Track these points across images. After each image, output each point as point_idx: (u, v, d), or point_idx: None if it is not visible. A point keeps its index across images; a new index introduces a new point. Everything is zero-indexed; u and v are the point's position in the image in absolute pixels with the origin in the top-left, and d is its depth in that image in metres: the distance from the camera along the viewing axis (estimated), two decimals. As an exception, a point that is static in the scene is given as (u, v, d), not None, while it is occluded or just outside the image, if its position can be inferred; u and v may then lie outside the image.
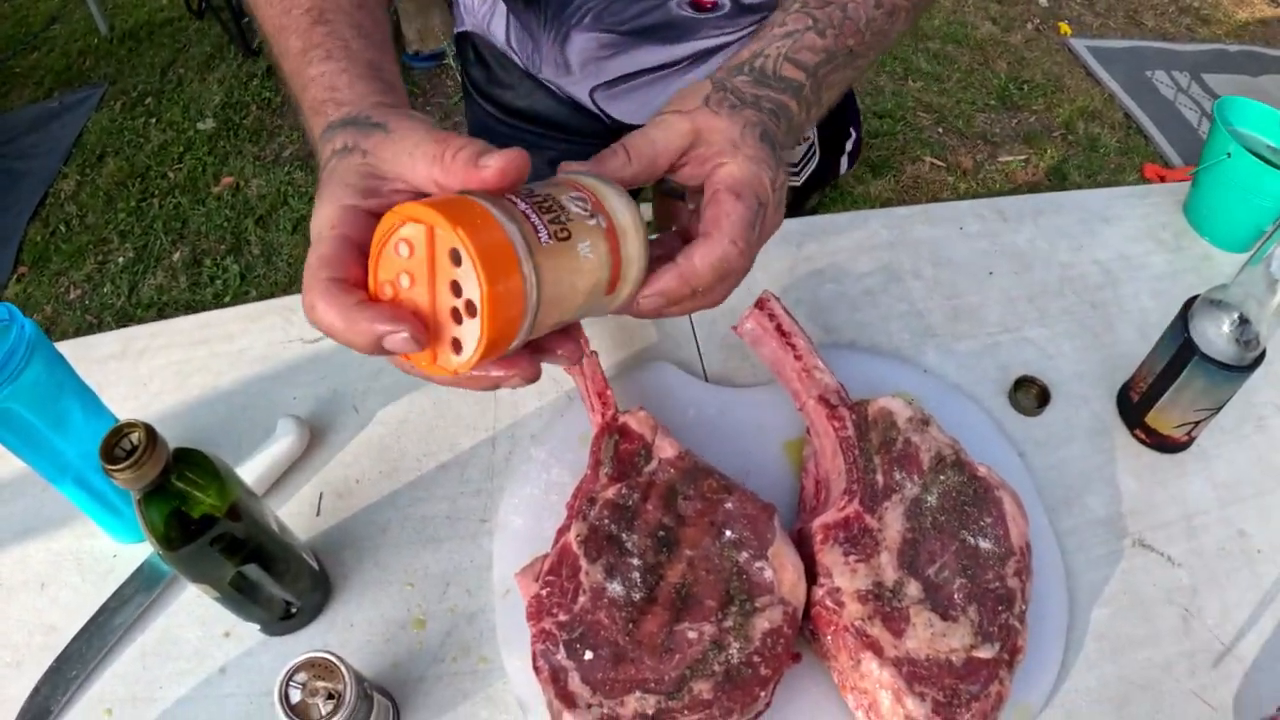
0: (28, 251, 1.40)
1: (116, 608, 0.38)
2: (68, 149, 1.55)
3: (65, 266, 1.37)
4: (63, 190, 1.49)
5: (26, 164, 1.53)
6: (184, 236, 1.40)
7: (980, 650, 0.32)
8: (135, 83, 1.68)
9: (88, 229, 1.42)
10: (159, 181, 1.49)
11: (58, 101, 1.65)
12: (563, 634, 0.32)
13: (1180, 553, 0.43)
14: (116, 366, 0.47)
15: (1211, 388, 0.43)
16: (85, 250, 1.39)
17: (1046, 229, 0.58)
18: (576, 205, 0.24)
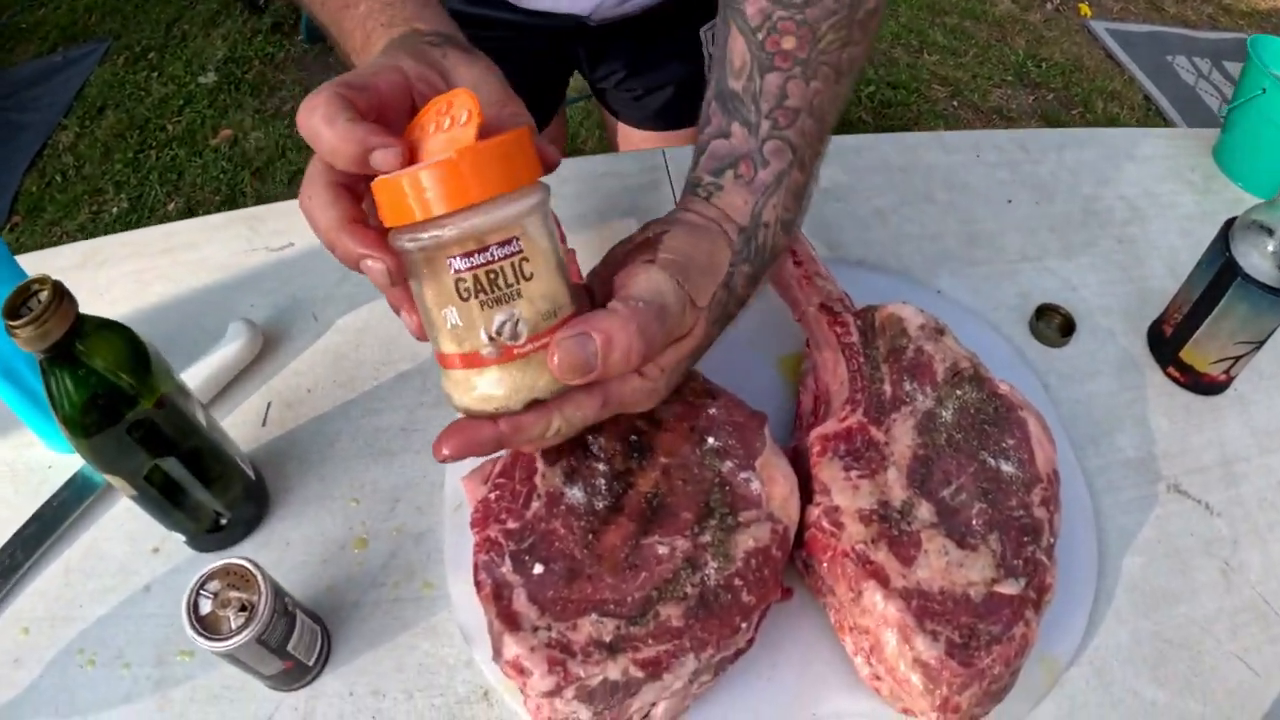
0: (23, 201, 1.37)
1: (43, 520, 0.35)
2: (69, 102, 1.53)
3: (59, 216, 1.34)
4: (61, 142, 1.46)
5: (27, 116, 1.51)
6: (179, 189, 1.38)
7: (1003, 585, 0.27)
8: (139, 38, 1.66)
9: (84, 180, 1.40)
10: (157, 134, 1.46)
11: (61, 56, 1.63)
12: (510, 543, 0.27)
13: (1219, 501, 0.38)
14: (77, 275, 0.44)
15: (1254, 316, 0.38)
16: (80, 200, 1.37)
17: (1069, 162, 0.53)
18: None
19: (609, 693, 0.25)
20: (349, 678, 0.31)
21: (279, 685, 0.30)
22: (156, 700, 0.30)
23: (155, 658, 0.31)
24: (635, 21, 0.49)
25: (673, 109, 0.58)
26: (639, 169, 0.49)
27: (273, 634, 0.27)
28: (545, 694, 0.25)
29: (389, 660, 0.31)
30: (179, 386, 0.30)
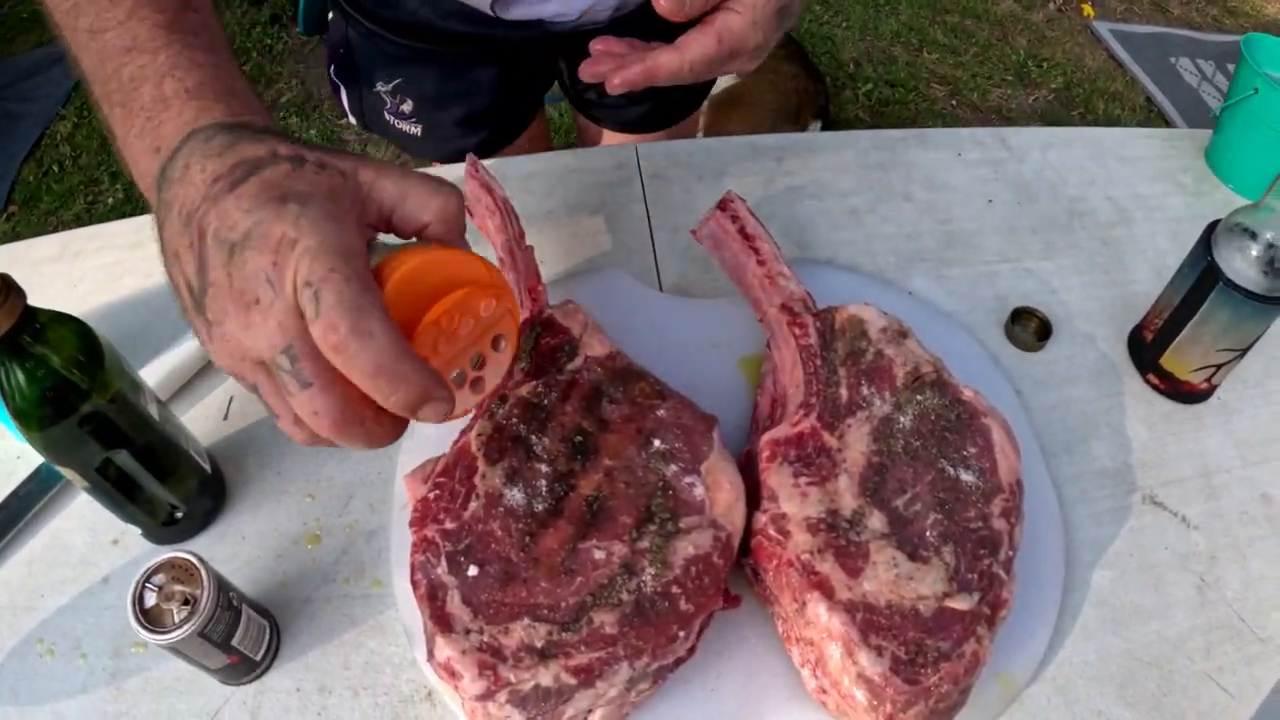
0: (19, 191, 1.38)
1: (8, 510, 0.35)
2: (67, 92, 1.53)
3: (55, 206, 1.36)
4: (59, 132, 1.47)
5: (25, 106, 1.52)
6: None
7: (955, 600, 0.26)
8: None
9: (80, 170, 1.41)
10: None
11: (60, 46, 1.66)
12: (447, 544, 0.26)
13: (1197, 514, 0.37)
14: (51, 269, 0.44)
15: (1236, 323, 0.37)
16: (76, 191, 1.39)
17: (1055, 161, 0.52)
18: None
19: (541, 698, 0.24)
20: (297, 674, 0.30)
21: (227, 679, 0.30)
22: (111, 691, 0.30)
23: (111, 649, 0.31)
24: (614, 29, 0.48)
25: (653, 115, 0.57)
26: (609, 165, 0.49)
27: (215, 628, 0.27)
28: (477, 697, 0.25)
29: (336, 657, 0.31)
30: (133, 381, 0.30)
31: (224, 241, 0.21)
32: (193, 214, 0.21)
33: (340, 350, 0.19)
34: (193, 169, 0.22)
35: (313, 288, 0.19)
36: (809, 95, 1.15)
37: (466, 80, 0.50)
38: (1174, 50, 1.58)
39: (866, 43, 1.56)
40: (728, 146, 0.50)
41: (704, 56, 0.30)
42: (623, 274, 0.41)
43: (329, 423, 0.20)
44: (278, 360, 0.20)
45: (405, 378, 0.19)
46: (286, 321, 0.20)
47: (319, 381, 0.20)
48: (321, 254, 0.19)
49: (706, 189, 0.47)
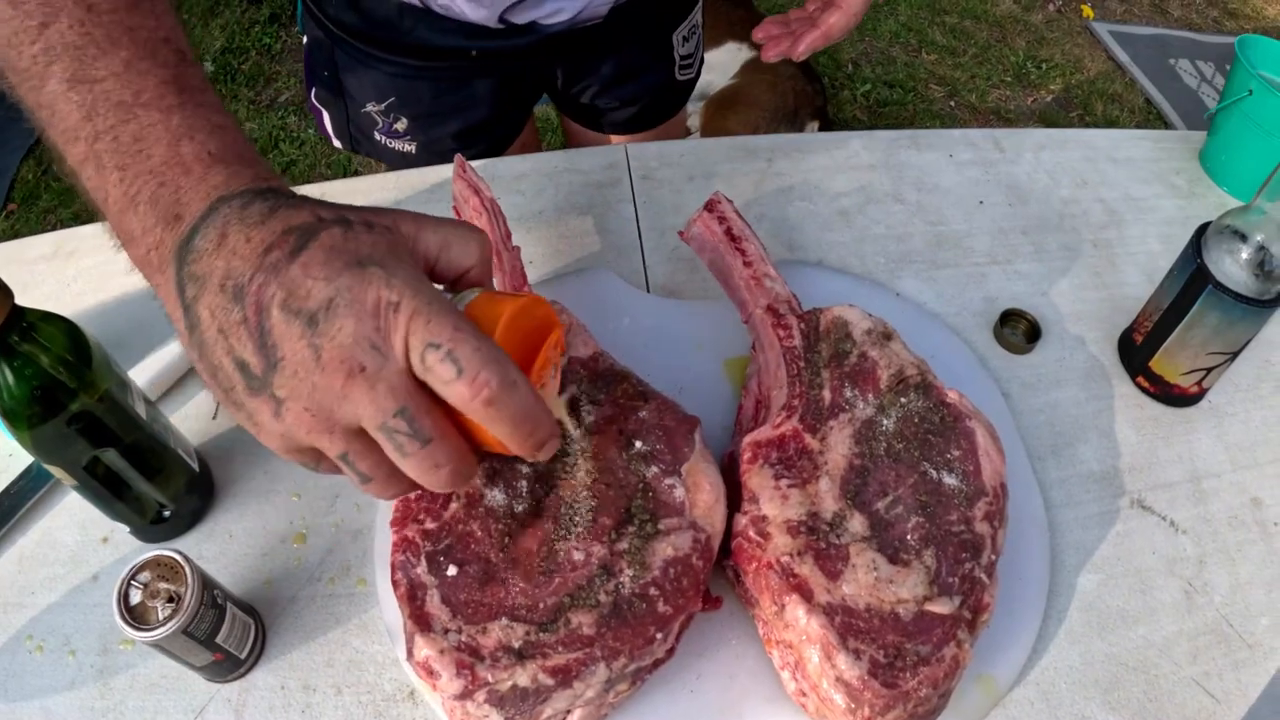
0: (18, 189, 1.39)
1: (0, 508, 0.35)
2: None
3: (54, 204, 1.36)
4: None
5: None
6: None
7: (935, 604, 0.26)
8: None
9: None
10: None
11: None
12: (426, 544, 0.26)
13: (1185, 518, 0.37)
14: (46, 267, 0.45)
15: (1226, 326, 0.37)
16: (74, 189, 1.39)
17: (1047, 163, 0.52)
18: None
19: (519, 698, 0.24)
20: (281, 671, 0.30)
21: (212, 677, 0.30)
22: (98, 687, 0.30)
23: (100, 646, 0.31)
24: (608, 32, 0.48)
25: (641, 116, 0.57)
26: (600, 165, 0.49)
27: (200, 625, 0.27)
28: (455, 697, 0.25)
29: (321, 655, 0.31)
30: (121, 380, 0.30)
31: (299, 312, 0.20)
32: (243, 286, 0.20)
33: (493, 403, 0.19)
34: (231, 237, 0.21)
35: (443, 349, 0.19)
36: (807, 96, 1.15)
37: (463, 94, 0.49)
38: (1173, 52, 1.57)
39: (865, 43, 1.56)
40: (718, 147, 0.50)
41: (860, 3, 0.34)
42: (610, 274, 0.41)
43: (449, 472, 0.20)
44: (391, 424, 0.20)
45: (542, 421, 0.21)
46: (399, 384, 0.20)
47: (438, 433, 0.20)
48: (437, 315, 0.20)
49: (696, 190, 0.47)
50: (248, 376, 0.20)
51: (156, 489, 0.32)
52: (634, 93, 0.55)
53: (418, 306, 0.19)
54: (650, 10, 0.50)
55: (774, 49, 0.34)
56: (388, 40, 0.47)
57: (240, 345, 0.20)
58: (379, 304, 0.20)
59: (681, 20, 0.53)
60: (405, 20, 0.45)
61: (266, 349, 0.20)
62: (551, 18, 0.45)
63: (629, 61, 0.53)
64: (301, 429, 0.20)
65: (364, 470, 0.21)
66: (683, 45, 0.55)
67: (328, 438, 0.20)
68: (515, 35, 0.46)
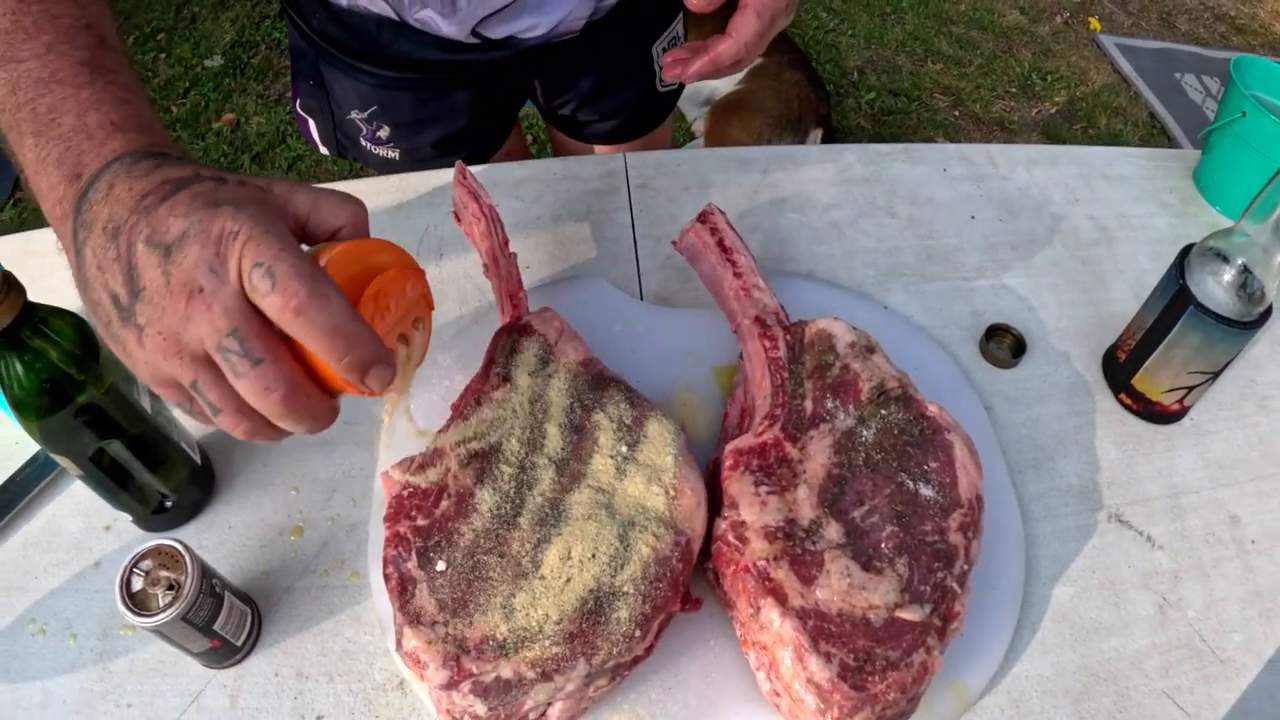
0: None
1: (5, 494, 0.36)
2: None
3: None
4: None
5: None
6: None
7: (906, 611, 0.27)
8: (150, 18, 1.69)
9: None
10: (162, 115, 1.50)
11: None
12: (418, 540, 0.28)
13: (1162, 534, 0.37)
14: (54, 259, 0.46)
15: (1207, 346, 0.37)
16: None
17: (1040, 179, 0.52)
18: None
19: (502, 690, 0.25)
20: (276, 659, 0.31)
21: (209, 663, 0.31)
22: (99, 670, 0.31)
23: (100, 631, 0.32)
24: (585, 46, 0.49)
25: (623, 127, 0.58)
26: (598, 173, 0.49)
27: (198, 613, 0.28)
28: (441, 686, 0.26)
29: (314, 644, 0.32)
30: (126, 374, 0.31)
31: (158, 245, 0.22)
32: (120, 227, 0.22)
33: (301, 312, 0.20)
34: (117, 188, 0.23)
35: (264, 265, 0.20)
36: (811, 103, 1.15)
37: (442, 104, 0.50)
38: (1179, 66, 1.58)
39: (871, 51, 1.57)
40: (715, 158, 0.51)
41: (753, 33, 0.33)
42: (604, 282, 0.42)
43: (279, 396, 0.21)
44: (224, 344, 0.21)
45: (360, 337, 0.21)
46: (232, 305, 0.21)
47: (269, 356, 0.21)
48: (267, 238, 0.21)
49: (692, 199, 0.48)
50: (119, 308, 0.22)
51: (159, 480, 0.33)
52: (615, 106, 0.56)
53: (253, 233, 0.21)
54: (628, 24, 0.51)
55: (670, 71, 0.35)
56: (367, 52, 0.48)
57: (113, 279, 0.22)
58: (222, 233, 0.21)
59: (661, 32, 0.54)
60: (384, 34, 0.46)
61: (132, 280, 0.22)
62: (527, 32, 0.46)
63: (609, 74, 0.54)
64: (158, 354, 0.22)
65: (213, 400, 0.22)
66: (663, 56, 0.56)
67: (179, 363, 0.21)
68: (491, 49, 0.47)
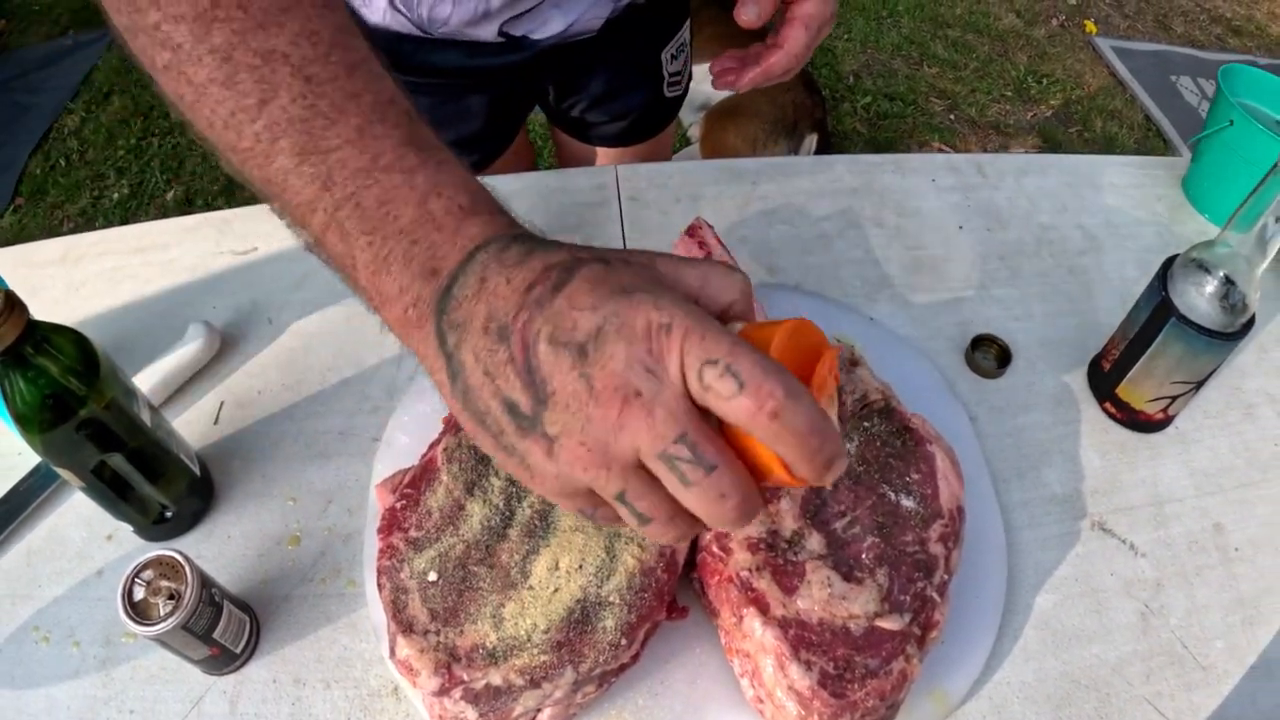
0: (26, 184, 1.42)
1: (9, 504, 0.37)
2: (76, 86, 1.57)
3: (61, 200, 1.39)
4: (67, 125, 1.51)
5: (35, 98, 1.55)
6: (179, 176, 1.43)
7: (886, 620, 0.28)
8: None
9: (87, 164, 1.45)
10: (161, 121, 1.50)
11: (71, 39, 1.68)
12: (410, 551, 0.28)
13: (1145, 542, 0.38)
14: (54, 271, 0.47)
15: (1190, 356, 0.38)
16: (82, 185, 1.42)
17: (1029, 189, 0.53)
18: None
19: (492, 696, 0.26)
20: (274, 666, 0.32)
21: (209, 670, 0.32)
22: (101, 678, 0.32)
23: (103, 638, 0.33)
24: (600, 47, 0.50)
25: (631, 130, 0.59)
26: (589, 186, 0.50)
27: (198, 622, 0.29)
28: (434, 693, 0.26)
29: (311, 652, 0.33)
30: (126, 389, 0.32)
31: (567, 344, 0.19)
32: (507, 325, 0.19)
33: (778, 415, 0.18)
34: (491, 280, 0.20)
35: (720, 363, 0.18)
36: (806, 108, 1.16)
37: (457, 107, 0.51)
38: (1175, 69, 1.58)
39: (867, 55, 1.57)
40: (705, 169, 0.52)
41: (802, 45, 0.34)
42: (596, 293, 0.43)
43: (736, 502, 0.19)
44: (671, 451, 0.18)
45: (829, 435, 0.19)
46: (677, 408, 0.18)
47: (722, 461, 0.18)
48: (709, 331, 0.18)
49: (683, 212, 0.49)
50: (517, 417, 0.20)
51: (159, 491, 0.34)
52: (623, 109, 0.57)
53: (690, 325, 0.18)
54: (641, 28, 0.51)
55: (721, 80, 0.35)
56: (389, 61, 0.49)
57: (508, 385, 0.20)
58: (649, 327, 0.19)
59: (670, 38, 0.55)
60: (405, 45, 0.47)
61: (535, 385, 0.19)
62: (543, 29, 0.47)
63: (619, 78, 0.55)
64: (577, 466, 0.19)
65: (643, 510, 0.19)
66: (671, 63, 0.56)
67: (604, 474, 0.19)
68: (510, 51, 0.48)
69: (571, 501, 0.20)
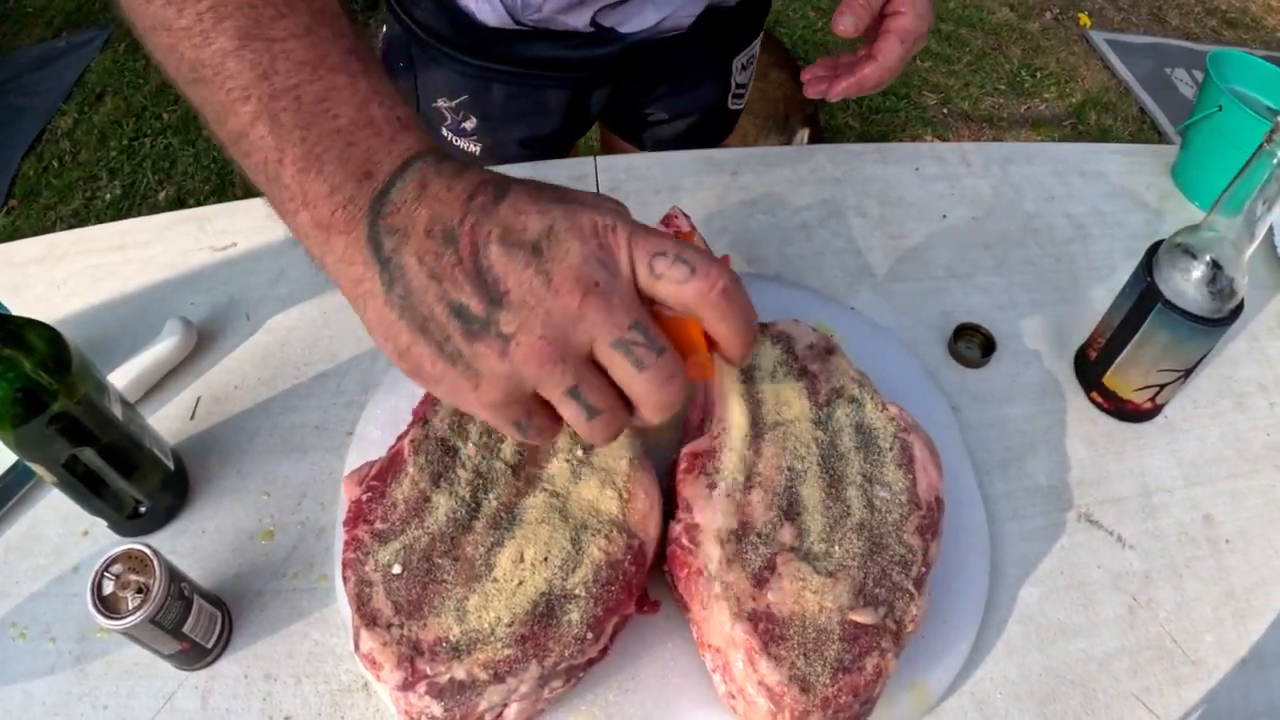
0: (19, 185, 1.42)
1: None
2: (69, 87, 1.57)
3: (54, 201, 1.39)
4: (59, 127, 1.51)
5: (28, 100, 1.56)
6: (171, 176, 1.43)
7: (859, 614, 0.27)
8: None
9: (79, 166, 1.45)
10: (153, 122, 1.51)
11: (64, 41, 1.69)
12: (375, 544, 0.28)
13: (1133, 533, 0.37)
14: (36, 270, 0.46)
15: (1176, 343, 0.37)
16: (75, 186, 1.42)
17: (1015, 177, 0.52)
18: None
19: (456, 691, 0.26)
20: (246, 661, 0.32)
21: (180, 664, 0.31)
22: (76, 673, 0.32)
23: (78, 634, 0.32)
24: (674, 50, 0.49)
25: (689, 135, 0.58)
26: (568, 176, 0.50)
27: (167, 616, 0.28)
28: (398, 687, 0.26)
29: (283, 646, 0.32)
30: (98, 383, 0.32)
31: (519, 244, 0.19)
32: (454, 229, 0.20)
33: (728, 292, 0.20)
34: (432, 187, 0.20)
35: (670, 254, 0.20)
36: (798, 103, 1.15)
37: (535, 100, 0.50)
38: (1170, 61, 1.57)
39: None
40: (684, 160, 0.51)
41: (896, 58, 0.35)
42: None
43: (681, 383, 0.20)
44: (629, 337, 0.19)
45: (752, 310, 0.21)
46: (629, 297, 0.20)
47: (667, 344, 0.20)
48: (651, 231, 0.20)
49: (661, 202, 0.48)
50: (466, 320, 0.20)
51: (133, 486, 0.33)
52: (687, 108, 0.56)
53: (634, 226, 0.20)
54: (721, 31, 0.51)
55: (813, 88, 0.36)
56: (473, 47, 0.47)
57: (456, 288, 0.20)
58: (595, 226, 0.20)
59: (744, 47, 0.55)
60: (491, 34, 0.46)
61: (487, 286, 0.19)
62: (634, 22, 0.46)
63: (689, 78, 0.54)
64: (532, 363, 0.19)
65: (594, 402, 0.20)
66: (740, 73, 0.56)
67: (559, 368, 0.19)
68: (598, 44, 0.47)
69: (510, 410, 0.20)
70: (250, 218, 0.48)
